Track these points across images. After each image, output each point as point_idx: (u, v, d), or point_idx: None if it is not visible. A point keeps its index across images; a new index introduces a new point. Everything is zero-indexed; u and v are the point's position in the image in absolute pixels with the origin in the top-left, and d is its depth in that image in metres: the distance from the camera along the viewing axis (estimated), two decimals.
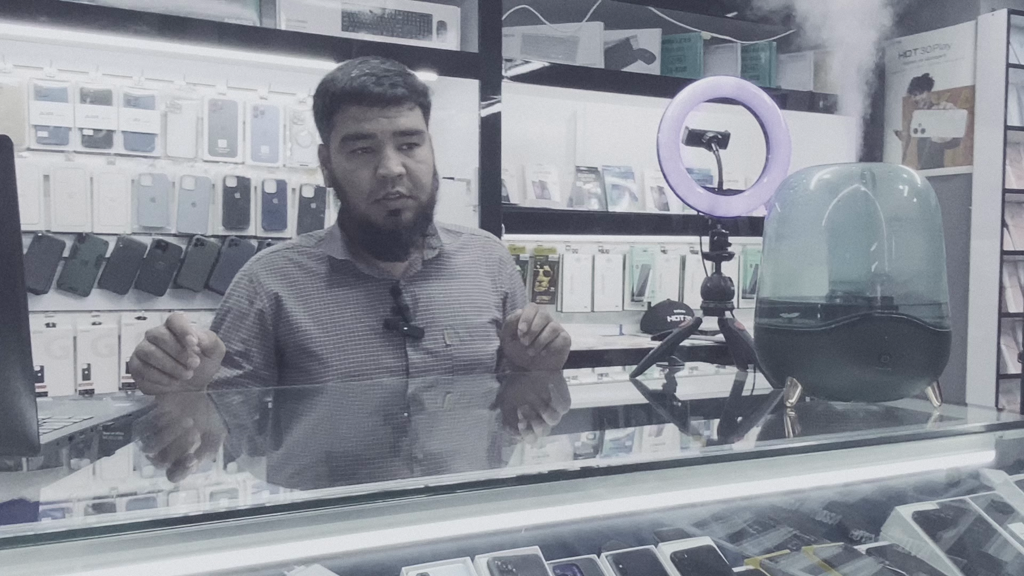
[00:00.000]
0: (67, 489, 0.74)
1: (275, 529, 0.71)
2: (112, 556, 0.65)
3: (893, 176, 1.03)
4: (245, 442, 1.07)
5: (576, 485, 0.86)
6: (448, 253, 1.53)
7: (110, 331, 2.37)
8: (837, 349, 0.99)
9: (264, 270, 1.45)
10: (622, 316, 3.20)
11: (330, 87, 1.40)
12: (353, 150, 1.39)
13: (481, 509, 0.81)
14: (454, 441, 1.09)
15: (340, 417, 1.24)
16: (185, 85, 2.46)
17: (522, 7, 2.73)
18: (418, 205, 1.42)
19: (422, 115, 1.45)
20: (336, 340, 1.41)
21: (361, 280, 1.45)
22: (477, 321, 1.50)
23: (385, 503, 0.73)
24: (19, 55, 2.27)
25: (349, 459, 0.98)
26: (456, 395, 1.38)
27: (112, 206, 2.37)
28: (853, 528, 1.20)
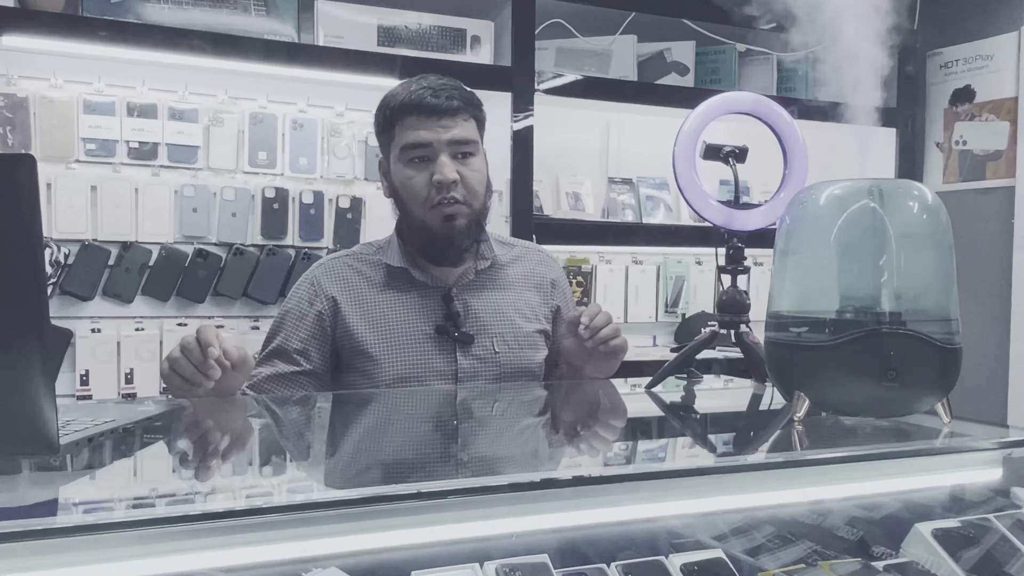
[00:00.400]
0: (82, 486, 0.78)
1: (290, 528, 0.74)
2: (120, 552, 0.68)
3: (902, 192, 1.03)
4: (257, 446, 1.11)
5: (577, 493, 0.88)
6: (500, 264, 1.59)
7: (152, 337, 2.45)
8: (844, 364, 0.99)
9: (325, 274, 1.54)
10: (656, 327, 3.19)
11: (391, 101, 1.49)
12: (411, 159, 1.47)
13: (486, 514, 0.83)
14: (469, 447, 1.12)
15: (359, 423, 1.27)
16: (227, 99, 2.54)
17: (555, 21, 2.76)
18: (471, 212, 1.49)
19: (476, 127, 1.52)
20: (390, 343, 1.48)
21: (416, 286, 1.52)
22: (525, 330, 1.55)
23: (398, 505, 0.76)
24: (70, 71, 2.36)
25: (368, 463, 1.01)
26: (481, 404, 1.41)
27: (156, 216, 2.45)
28: (875, 545, 1.19)
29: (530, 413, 1.38)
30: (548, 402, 1.45)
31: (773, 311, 1.09)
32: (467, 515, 0.81)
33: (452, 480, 0.84)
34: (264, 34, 2.38)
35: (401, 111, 1.48)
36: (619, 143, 3.13)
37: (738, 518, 1.17)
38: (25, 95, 2.32)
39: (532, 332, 1.59)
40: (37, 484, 0.78)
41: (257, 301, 2.53)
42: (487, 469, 1.01)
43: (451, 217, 1.48)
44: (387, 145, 1.53)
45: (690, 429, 1.25)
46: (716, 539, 1.11)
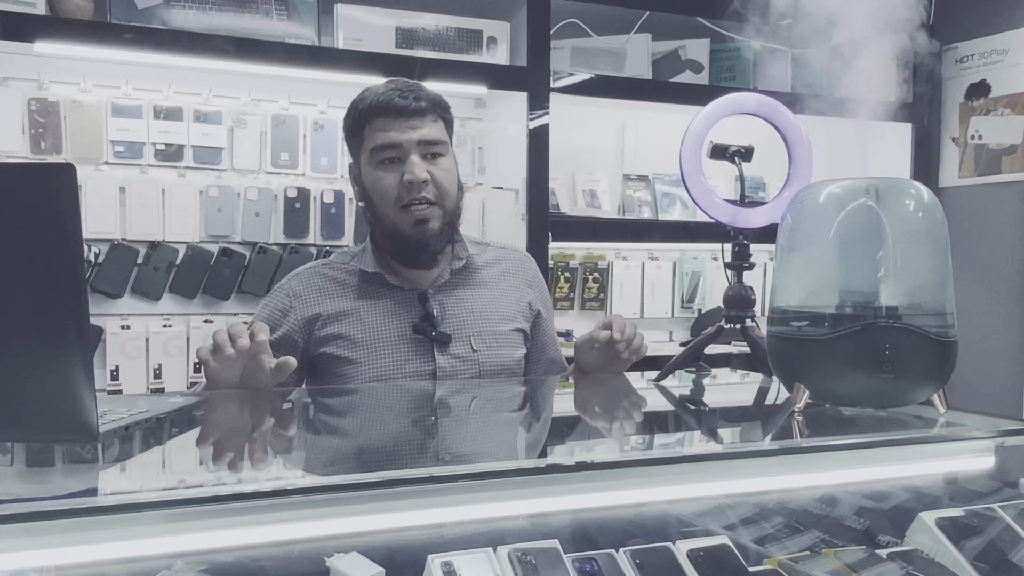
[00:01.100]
0: (120, 470, 0.84)
1: (314, 508, 0.79)
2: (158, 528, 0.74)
3: (899, 190, 1.06)
4: (283, 434, 1.17)
5: (585, 477, 0.91)
6: (476, 264, 1.61)
7: (179, 333, 2.52)
8: (843, 357, 1.03)
9: (300, 284, 1.56)
10: (672, 323, 3.23)
11: (359, 104, 1.52)
12: (381, 160, 1.49)
13: (498, 496, 0.87)
14: (483, 436, 1.17)
15: (374, 413, 1.33)
16: (250, 101, 2.60)
17: (571, 21, 2.80)
18: (443, 213, 1.51)
19: (445, 128, 1.54)
20: (367, 346, 1.50)
21: (391, 290, 1.55)
22: (503, 329, 1.58)
23: (415, 488, 0.80)
24: (98, 75, 2.44)
25: (385, 450, 1.07)
26: (487, 397, 1.46)
27: (182, 216, 2.52)
28: (880, 534, 1.22)
29: (540, 404, 1.43)
30: (558, 394, 1.50)
31: (775, 306, 1.13)
32: (482, 497, 0.85)
33: (470, 465, 0.89)
34: (286, 37, 2.44)
35: (370, 113, 1.49)
36: (635, 140, 3.17)
37: (747, 508, 1.21)
38: (56, 99, 2.40)
39: (510, 331, 1.61)
40: (83, 468, 0.84)
41: None
42: (499, 456, 1.05)
43: (423, 220, 1.49)
44: (357, 148, 1.55)
45: (695, 418, 1.29)
46: (726, 528, 1.15)
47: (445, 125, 1.54)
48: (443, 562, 0.98)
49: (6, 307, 0.76)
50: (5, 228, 0.76)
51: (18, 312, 0.77)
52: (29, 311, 0.77)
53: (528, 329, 1.65)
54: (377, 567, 0.98)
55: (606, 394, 1.47)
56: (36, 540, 0.70)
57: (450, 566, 0.97)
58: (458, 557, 0.99)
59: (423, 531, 1.04)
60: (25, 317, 0.77)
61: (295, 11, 2.46)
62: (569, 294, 3.06)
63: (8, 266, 0.76)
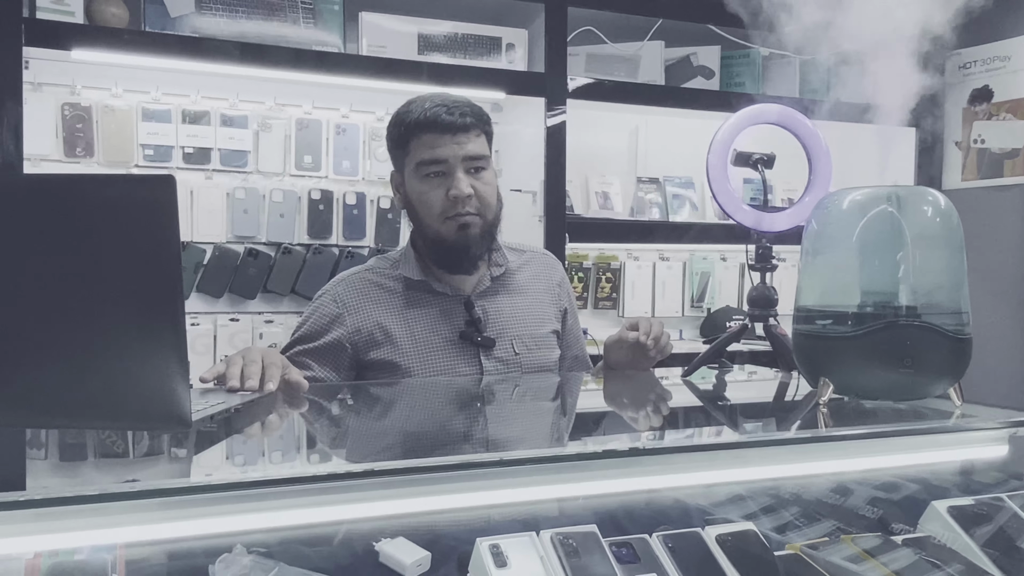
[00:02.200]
0: (217, 453, 0.91)
1: (365, 491, 0.86)
2: (241, 506, 0.81)
3: (918, 197, 1.14)
4: (352, 422, 1.25)
5: (627, 463, 0.98)
6: (512, 270, 1.68)
7: (207, 331, 2.59)
8: (865, 353, 1.11)
9: (347, 291, 1.60)
10: (682, 322, 3.30)
11: (405, 118, 1.55)
12: (427, 174, 1.54)
13: (545, 480, 0.94)
14: (527, 425, 1.24)
15: (424, 406, 1.40)
16: (275, 106, 2.68)
17: (586, 28, 2.87)
18: (484, 223, 1.57)
19: (486, 142, 1.59)
20: (417, 351, 1.56)
21: (436, 297, 1.60)
22: (541, 331, 1.65)
23: (463, 472, 0.87)
24: (129, 81, 2.51)
25: (438, 438, 1.14)
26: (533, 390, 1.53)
27: (209, 217, 2.59)
28: (894, 522, 1.29)
29: (577, 398, 1.50)
30: (596, 389, 1.57)
31: (800, 305, 1.20)
32: (528, 481, 0.92)
33: (519, 451, 0.95)
34: (311, 44, 2.51)
35: (417, 128, 1.53)
36: (647, 144, 3.24)
37: (766, 499, 1.28)
38: (88, 104, 2.47)
39: (547, 333, 1.68)
40: (186, 452, 0.91)
41: (304, 297, 2.66)
42: (542, 443, 1.12)
43: (465, 227, 1.54)
44: (401, 160, 1.59)
45: (724, 411, 1.36)
46: (746, 518, 1.22)
47: (487, 139, 1.59)
48: (491, 544, 1.03)
49: (111, 306, 0.84)
50: (112, 233, 0.83)
51: (122, 311, 0.84)
52: (131, 311, 0.84)
53: (560, 329, 1.72)
54: (423, 551, 1.04)
55: (638, 389, 1.54)
56: (111, 519, 0.77)
57: (497, 548, 1.03)
58: (504, 540, 1.05)
59: (465, 515, 1.11)
60: (127, 316, 0.84)
61: (321, 18, 2.53)
62: (583, 294, 3.13)
63: (114, 269, 0.83)
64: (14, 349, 0.81)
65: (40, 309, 0.81)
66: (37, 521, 0.73)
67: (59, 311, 0.82)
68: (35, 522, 0.73)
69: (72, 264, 0.81)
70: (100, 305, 0.82)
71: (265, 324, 2.65)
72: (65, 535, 0.76)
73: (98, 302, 0.82)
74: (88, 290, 0.82)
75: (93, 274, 0.82)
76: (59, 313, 0.81)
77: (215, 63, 2.39)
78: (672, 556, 1.09)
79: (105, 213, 0.83)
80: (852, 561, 1.19)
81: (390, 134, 1.60)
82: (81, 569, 0.90)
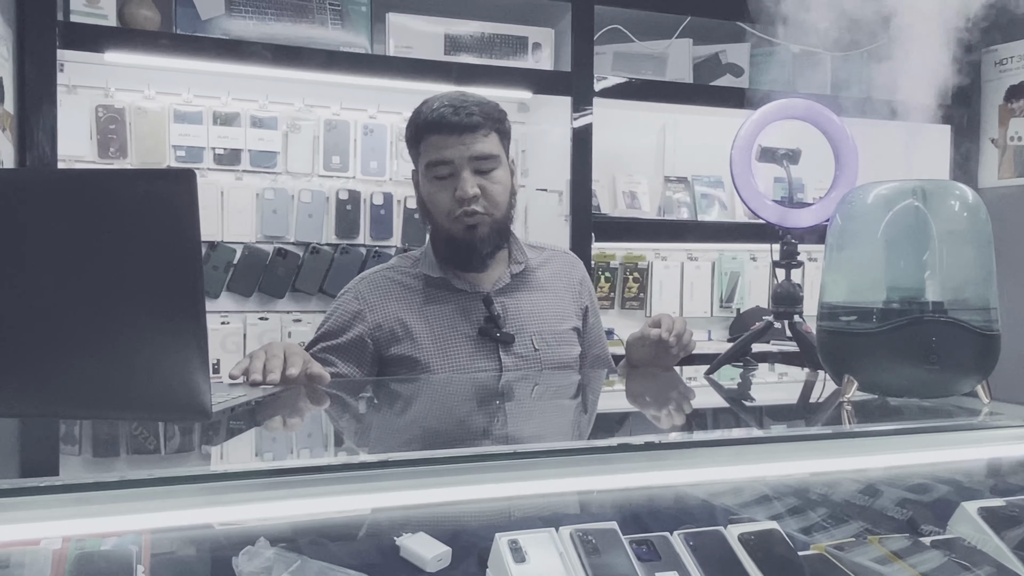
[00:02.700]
0: (234, 445, 0.93)
1: (386, 480, 0.87)
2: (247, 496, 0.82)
3: (944, 191, 1.12)
4: (373, 416, 1.26)
5: (649, 457, 0.97)
6: (532, 267, 1.69)
7: (236, 330, 2.62)
8: (890, 349, 1.09)
9: (369, 289, 1.63)
10: (711, 322, 3.28)
11: (417, 119, 1.58)
12: (435, 175, 1.56)
13: (563, 474, 0.93)
14: (548, 420, 1.24)
15: (445, 400, 1.41)
16: (303, 107, 2.70)
17: (613, 27, 2.86)
18: (493, 221, 1.58)
19: (499, 140, 1.59)
20: (436, 347, 1.58)
21: (455, 293, 1.62)
22: (561, 328, 1.65)
23: (482, 464, 0.88)
24: (161, 83, 2.55)
25: (462, 430, 1.14)
26: (551, 387, 1.53)
27: (239, 217, 2.62)
28: (923, 523, 1.27)
29: (602, 394, 1.50)
30: (617, 386, 1.57)
31: (824, 302, 1.18)
32: (553, 474, 0.91)
33: (536, 444, 0.95)
34: (339, 46, 2.53)
35: (425, 129, 1.56)
36: (674, 143, 3.22)
37: (792, 499, 1.27)
38: (122, 106, 2.52)
39: (567, 329, 1.69)
40: (206, 442, 0.93)
41: (332, 296, 2.66)
42: (562, 437, 1.12)
43: (473, 227, 1.57)
44: (416, 160, 1.63)
45: (746, 408, 1.35)
46: (772, 518, 1.21)
47: (499, 137, 1.59)
48: (510, 540, 1.04)
49: (134, 299, 0.85)
50: (134, 227, 0.84)
51: (144, 305, 0.85)
52: (153, 304, 0.85)
53: (580, 327, 1.72)
54: (444, 546, 1.05)
55: (662, 387, 1.54)
56: (136, 505, 0.78)
57: (516, 543, 1.03)
58: (523, 536, 1.05)
59: (485, 511, 1.11)
60: (149, 309, 0.85)
61: (349, 20, 2.55)
62: (610, 294, 3.12)
63: (136, 262, 0.85)
64: (39, 342, 0.83)
65: (64, 302, 0.82)
66: (65, 506, 0.75)
67: (83, 304, 0.83)
68: (64, 507, 0.75)
69: (95, 257, 0.83)
70: (123, 298, 0.84)
71: (293, 323, 2.68)
72: (91, 520, 0.77)
73: (121, 295, 0.84)
74: (110, 283, 0.83)
75: (116, 267, 0.83)
76: (83, 306, 0.83)
77: (245, 65, 2.42)
78: (693, 554, 1.08)
79: (127, 207, 0.85)
80: (879, 562, 1.17)
81: (406, 134, 1.64)
82: (107, 558, 0.91)
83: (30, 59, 2.19)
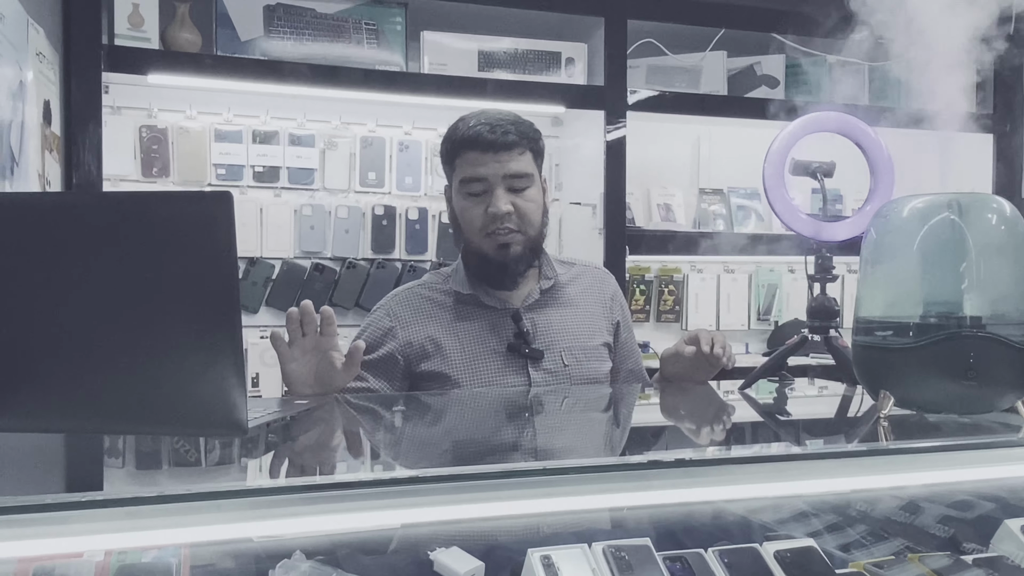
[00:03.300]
0: (270, 459, 0.94)
1: (419, 496, 0.88)
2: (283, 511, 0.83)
3: (981, 204, 1.10)
4: (405, 430, 1.27)
5: (683, 473, 0.96)
6: (562, 283, 1.69)
7: None
8: (927, 365, 1.07)
9: (400, 306, 1.65)
10: (748, 335, 3.25)
11: (453, 135, 1.60)
12: (469, 191, 1.58)
13: (595, 490, 0.93)
14: (579, 435, 1.24)
15: (477, 415, 1.42)
16: (340, 125, 2.75)
17: (647, 40, 2.86)
18: (526, 239, 1.59)
19: (533, 159, 1.61)
20: (466, 363, 1.59)
21: (485, 310, 1.63)
22: (591, 343, 1.65)
23: (516, 480, 0.88)
24: (202, 103, 2.61)
25: (492, 446, 1.15)
26: (583, 402, 1.54)
27: (278, 233, 2.67)
28: (965, 541, 1.25)
29: (636, 407, 1.50)
30: (652, 400, 1.56)
31: (860, 316, 1.17)
32: (582, 490, 0.92)
33: (573, 459, 0.96)
34: (375, 64, 2.57)
35: (461, 146, 1.57)
36: (709, 154, 3.21)
37: (831, 516, 1.25)
38: (165, 126, 2.58)
39: (598, 345, 1.68)
40: (243, 456, 0.95)
41: (368, 311, 2.70)
42: (595, 453, 1.13)
43: (506, 245, 1.58)
44: (450, 176, 1.65)
45: (781, 423, 1.34)
46: (810, 535, 1.19)
47: (533, 155, 1.61)
48: (542, 555, 1.04)
49: (173, 318, 0.87)
50: (173, 247, 0.87)
51: (182, 323, 0.87)
52: (191, 322, 0.87)
53: (612, 342, 1.72)
54: (476, 561, 1.05)
55: (696, 402, 1.53)
56: (175, 519, 0.80)
57: (549, 559, 1.03)
58: (556, 551, 1.05)
59: (519, 526, 1.12)
60: (188, 327, 0.87)
61: (384, 38, 2.59)
62: (645, 307, 3.11)
63: (175, 281, 0.87)
64: (82, 359, 0.86)
65: (105, 320, 0.85)
66: (108, 520, 0.77)
67: (124, 322, 0.86)
68: (107, 521, 0.77)
69: (136, 277, 0.85)
70: (162, 316, 0.86)
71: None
72: (133, 534, 0.79)
73: (160, 313, 0.86)
74: (151, 302, 0.85)
75: (155, 286, 0.86)
76: (124, 324, 0.85)
77: (284, 84, 2.47)
78: (728, 572, 1.07)
79: (166, 228, 0.87)
80: None
81: (441, 150, 1.65)
82: (148, 570, 0.93)
83: (76, 82, 2.26)
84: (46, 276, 0.85)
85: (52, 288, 0.85)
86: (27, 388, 0.87)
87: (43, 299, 0.85)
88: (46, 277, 0.85)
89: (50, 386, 0.87)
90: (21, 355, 0.86)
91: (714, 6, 2.86)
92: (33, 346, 0.86)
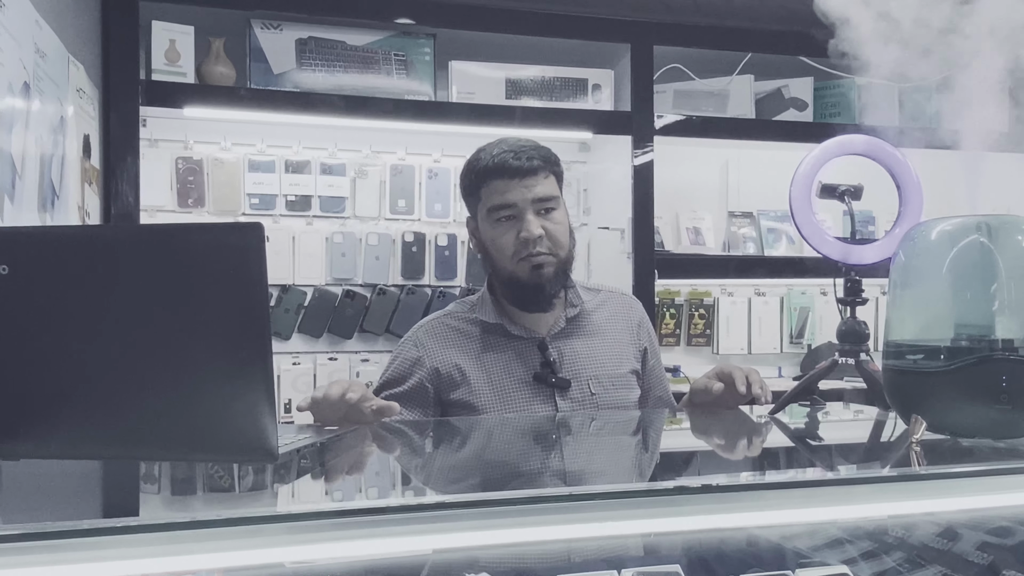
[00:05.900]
0: (301, 486, 0.96)
1: (448, 521, 0.88)
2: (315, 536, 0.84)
3: (1011, 226, 1.09)
4: (435, 456, 1.28)
5: (710, 499, 0.96)
6: (588, 311, 1.69)
7: (307, 370, 2.70)
8: (959, 389, 1.06)
9: (427, 336, 1.66)
10: (781, 359, 3.22)
11: (475, 165, 1.61)
12: (499, 218, 1.59)
13: (624, 516, 0.93)
14: (608, 460, 1.24)
15: (507, 441, 1.42)
16: (370, 154, 2.79)
17: (673, 66, 2.88)
18: (557, 261, 1.60)
19: (556, 182, 1.63)
20: (493, 392, 1.60)
21: (511, 339, 1.64)
22: (619, 371, 1.65)
23: (545, 506, 0.88)
24: (236, 135, 2.67)
25: (522, 471, 1.15)
26: (611, 428, 1.53)
27: (309, 261, 2.71)
28: (1005, 568, 1.23)
29: (665, 432, 1.49)
30: (678, 427, 1.56)
31: (890, 340, 1.16)
32: (610, 516, 0.92)
33: (601, 485, 0.96)
34: (404, 94, 2.61)
35: (486, 174, 1.58)
36: (739, 177, 3.20)
37: (866, 543, 1.24)
38: (200, 158, 2.64)
39: (625, 373, 1.68)
40: (275, 483, 0.96)
41: (399, 337, 2.73)
42: (627, 477, 1.12)
43: (539, 266, 1.58)
44: (474, 206, 1.65)
45: (811, 448, 1.32)
46: (845, 562, 1.18)
47: (556, 179, 1.63)
48: None
49: (205, 346, 0.89)
50: (205, 278, 0.89)
51: (214, 351, 0.89)
52: (223, 351, 0.89)
53: (640, 369, 1.71)
54: None
55: (726, 427, 1.52)
56: (208, 545, 0.81)
57: None
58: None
59: (548, 552, 1.11)
60: (220, 356, 0.89)
61: (413, 69, 2.64)
62: (675, 331, 3.10)
63: (207, 311, 0.89)
64: (116, 387, 0.88)
65: (140, 349, 0.87)
66: (142, 545, 0.78)
67: (158, 351, 0.88)
68: (140, 546, 0.78)
69: (169, 307, 0.88)
70: (195, 344, 0.88)
71: (361, 363, 2.74)
72: (166, 559, 0.81)
73: (193, 342, 0.88)
74: (184, 330, 0.88)
75: (189, 315, 0.88)
76: (158, 353, 0.88)
77: (315, 115, 2.52)
78: None
79: (200, 258, 0.89)
80: None
81: (462, 182, 1.66)
82: None
83: (115, 116, 2.33)
84: (84, 306, 0.88)
85: (89, 317, 0.88)
86: (64, 415, 0.89)
87: (80, 328, 0.88)
88: (84, 307, 0.88)
89: (86, 413, 0.89)
90: (59, 383, 0.89)
91: (740, 31, 2.87)
92: (71, 374, 0.89)
